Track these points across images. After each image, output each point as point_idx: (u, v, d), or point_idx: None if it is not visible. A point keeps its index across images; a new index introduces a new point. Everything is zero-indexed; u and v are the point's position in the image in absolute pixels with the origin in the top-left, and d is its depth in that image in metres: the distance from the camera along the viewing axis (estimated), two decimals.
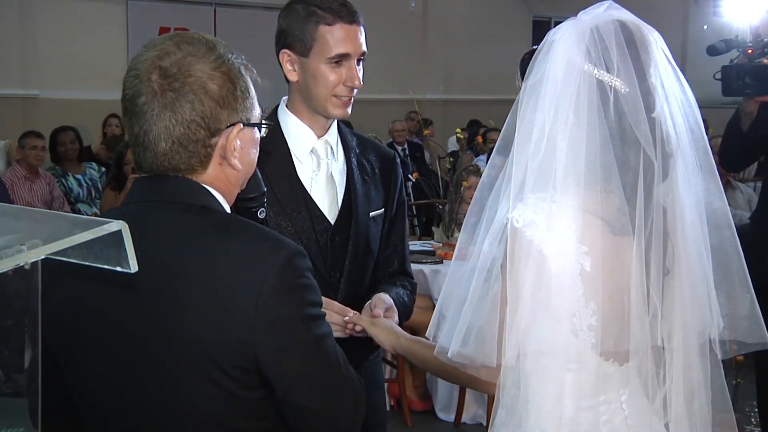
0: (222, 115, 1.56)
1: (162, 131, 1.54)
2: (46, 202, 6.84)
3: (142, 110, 1.54)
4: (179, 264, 1.52)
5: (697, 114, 1.80)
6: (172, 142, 1.55)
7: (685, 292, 1.75)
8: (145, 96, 1.54)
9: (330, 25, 2.23)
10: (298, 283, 1.54)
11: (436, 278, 5.34)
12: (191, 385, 1.53)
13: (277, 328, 1.51)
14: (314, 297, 1.58)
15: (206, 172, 1.60)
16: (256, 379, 1.54)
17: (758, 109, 3.67)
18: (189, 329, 1.50)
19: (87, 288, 1.56)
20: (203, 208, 1.58)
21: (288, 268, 1.52)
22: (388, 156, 2.53)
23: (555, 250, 1.68)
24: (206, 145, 1.57)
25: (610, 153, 1.69)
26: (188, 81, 1.53)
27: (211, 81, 1.55)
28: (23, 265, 1.06)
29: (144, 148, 1.57)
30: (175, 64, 1.54)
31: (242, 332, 1.49)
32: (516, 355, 1.73)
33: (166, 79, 1.53)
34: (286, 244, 1.56)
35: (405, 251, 2.56)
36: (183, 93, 1.53)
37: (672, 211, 1.75)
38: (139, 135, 1.56)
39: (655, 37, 1.78)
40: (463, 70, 12.97)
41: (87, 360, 1.61)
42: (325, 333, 1.60)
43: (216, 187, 1.61)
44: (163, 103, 1.53)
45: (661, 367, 1.77)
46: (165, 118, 1.53)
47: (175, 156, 1.56)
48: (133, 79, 1.56)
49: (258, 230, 1.60)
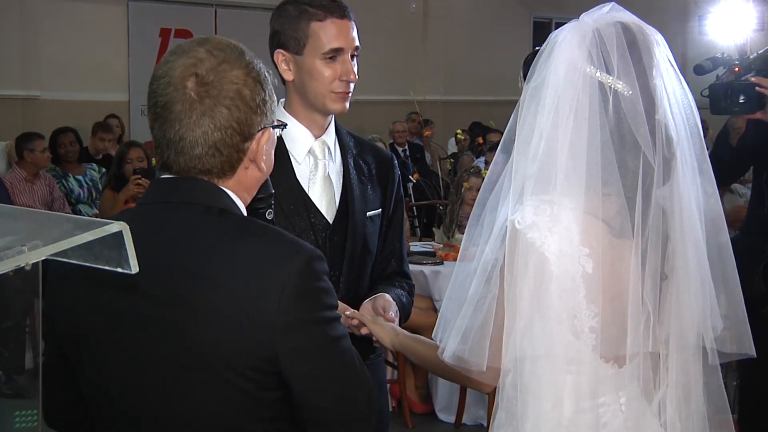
0: (255, 120, 1.60)
1: (200, 137, 1.56)
2: (46, 203, 6.82)
3: (179, 117, 1.56)
4: (197, 266, 1.54)
5: (697, 117, 1.80)
6: (209, 146, 1.57)
7: (682, 297, 1.75)
8: (181, 103, 1.56)
9: (321, 21, 2.26)
10: (316, 286, 1.56)
11: (436, 279, 5.35)
12: (207, 387, 1.54)
13: (296, 330, 1.53)
14: (331, 300, 1.60)
15: (234, 176, 1.62)
16: (274, 381, 1.55)
17: (746, 124, 3.71)
18: (205, 332, 1.51)
19: (102, 290, 1.57)
20: (222, 211, 1.59)
21: (307, 271, 1.54)
22: (386, 157, 2.55)
23: (556, 251, 1.68)
24: (239, 150, 1.60)
25: (610, 156, 1.70)
26: (224, 88, 1.56)
27: (246, 87, 1.58)
28: (24, 266, 1.06)
29: (178, 152, 1.58)
30: (211, 72, 1.56)
31: (261, 335, 1.50)
32: (514, 358, 1.73)
33: (203, 87, 1.55)
34: (304, 247, 1.58)
35: (403, 252, 2.57)
36: (220, 99, 1.56)
37: (672, 214, 1.75)
38: (174, 140, 1.58)
39: (657, 39, 1.78)
40: (463, 71, 12.97)
41: (101, 363, 1.62)
42: (342, 334, 1.62)
43: (236, 190, 1.63)
44: (202, 110, 1.55)
45: (658, 370, 1.77)
46: (204, 125, 1.56)
47: (210, 159, 1.58)
48: (166, 86, 1.57)
49: (276, 233, 1.61)
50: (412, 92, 10.68)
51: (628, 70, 1.71)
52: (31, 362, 1.20)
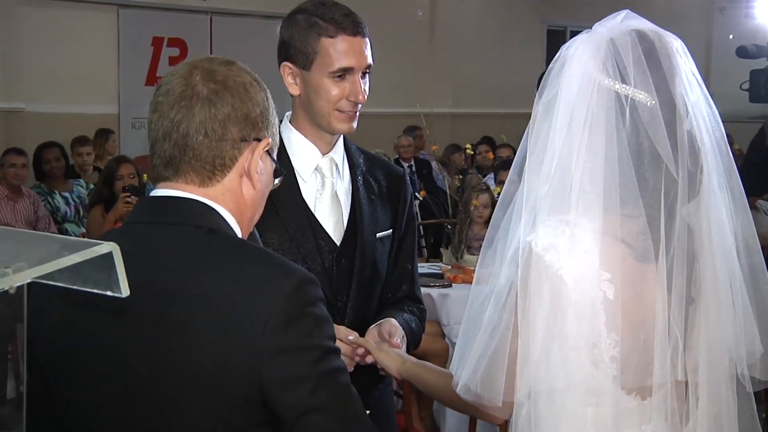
0: (257, 123, 1.63)
1: (198, 125, 1.59)
2: (29, 222, 6.80)
3: (178, 101, 1.59)
4: (183, 289, 1.53)
5: (722, 129, 1.78)
6: (205, 134, 1.59)
7: (712, 321, 1.73)
8: (184, 89, 1.60)
9: (332, 37, 2.23)
10: (306, 312, 1.54)
11: (444, 302, 5.33)
12: (193, 416, 1.53)
13: (282, 358, 1.51)
14: (325, 329, 1.57)
15: (223, 181, 1.62)
16: (263, 413, 1.53)
17: None
18: (190, 357, 1.51)
19: (83, 314, 1.56)
20: (211, 231, 1.59)
21: (297, 295, 1.52)
22: (397, 174, 2.53)
23: (575, 276, 1.67)
24: (234, 147, 1.61)
25: (629, 171, 1.68)
26: (229, 83, 1.61)
27: (252, 88, 1.64)
28: (8, 290, 1.05)
29: (173, 142, 1.60)
30: (219, 68, 1.63)
31: (247, 361, 1.49)
32: (528, 391, 1.72)
33: (209, 76, 1.61)
34: (295, 270, 1.57)
35: (414, 275, 2.56)
36: (226, 87, 1.60)
37: (699, 233, 1.73)
38: (168, 128, 1.60)
39: (677, 47, 1.76)
40: (473, 83, 12.98)
41: (83, 389, 1.61)
42: (336, 367, 1.58)
43: (228, 206, 1.63)
44: (206, 96, 1.59)
45: (685, 403, 1.75)
46: (203, 112, 1.59)
47: (204, 151, 1.59)
48: (171, 77, 1.63)
49: (266, 255, 1.61)
50: (418, 104, 10.68)
51: (647, 80, 1.70)
52: (13, 391, 1.19)
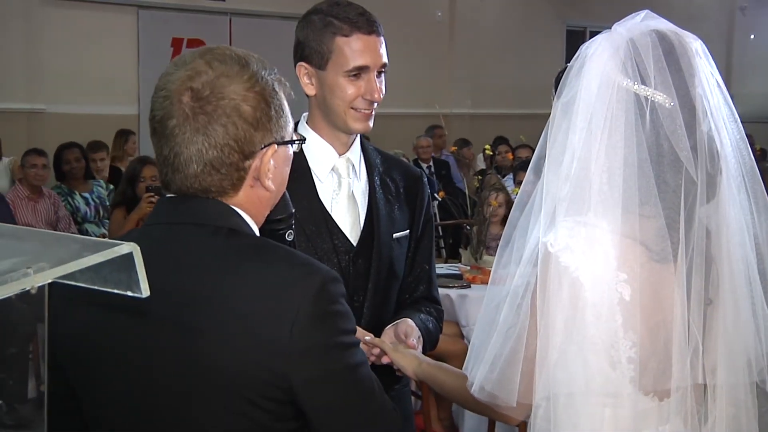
0: (256, 138, 1.58)
1: (194, 154, 1.56)
2: (50, 222, 6.84)
3: (173, 133, 1.57)
4: (205, 290, 1.54)
5: (742, 130, 1.78)
6: (204, 164, 1.57)
7: (730, 323, 1.73)
8: (176, 118, 1.56)
9: (347, 36, 2.24)
10: (332, 310, 1.55)
11: (463, 303, 5.32)
12: (219, 418, 1.54)
13: (311, 356, 1.52)
14: (348, 324, 1.59)
15: (238, 195, 1.61)
16: (290, 410, 1.55)
17: None
18: (214, 360, 1.51)
19: (105, 315, 1.57)
20: (231, 231, 1.59)
21: (322, 294, 1.53)
22: (414, 175, 2.54)
23: (592, 277, 1.67)
24: (239, 168, 1.59)
25: (648, 173, 1.68)
26: (221, 104, 1.55)
27: (245, 103, 1.56)
28: (29, 290, 1.06)
29: (174, 169, 1.59)
30: (208, 86, 1.55)
31: (275, 362, 1.50)
32: (547, 392, 1.72)
33: (198, 102, 1.55)
34: (319, 268, 1.57)
35: (432, 275, 2.55)
36: (216, 116, 1.55)
37: (717, 235, 1.73)
38: (169, 157, 1.58)
39: (697, 48, 1.76)
40: (492, 83, 12.96)
41: (106, 390, 1.62)
42: (361, 361, 1.61)
43: (246, 209, 1.63)
44: (195, 126, 1.55)
45: (703, 404, 1.75)
46: (197, 142, 1.56)
47: (207, 178, 1.58)
48: (163, 100, 1.58)
49: (289, 254, 1.61)
50: (437, 105, 10.66)
51: (667, 81, 1.69)
52: (34, 391, 1.20)
